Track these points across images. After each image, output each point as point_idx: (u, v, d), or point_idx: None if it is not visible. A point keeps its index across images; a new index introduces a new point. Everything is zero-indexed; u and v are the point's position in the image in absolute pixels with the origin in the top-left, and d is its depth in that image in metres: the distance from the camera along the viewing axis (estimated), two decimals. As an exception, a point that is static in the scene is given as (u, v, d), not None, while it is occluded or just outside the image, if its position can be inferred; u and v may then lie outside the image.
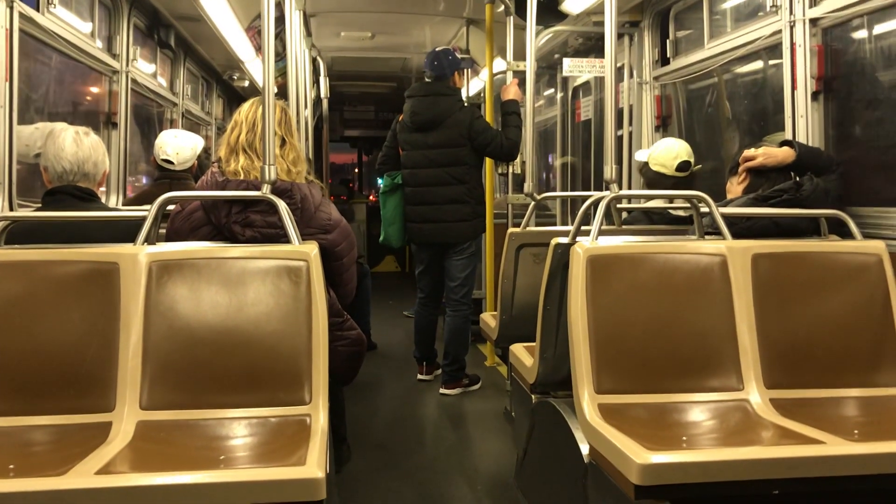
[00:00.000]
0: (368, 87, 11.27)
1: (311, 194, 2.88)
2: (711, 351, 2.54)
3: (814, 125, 3.45)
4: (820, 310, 2.65)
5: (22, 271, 2.36)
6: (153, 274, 2.39)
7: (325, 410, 2.28)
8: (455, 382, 5.28)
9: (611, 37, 2.76)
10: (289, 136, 2.97)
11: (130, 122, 5.17)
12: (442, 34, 7.43)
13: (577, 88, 6.95)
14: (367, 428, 4.57)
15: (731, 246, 2.66)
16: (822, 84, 3.45)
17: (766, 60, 4.13)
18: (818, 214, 2.96)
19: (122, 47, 4.95)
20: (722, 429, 2.39)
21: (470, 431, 4.64)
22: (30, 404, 2.25)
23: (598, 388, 2.43)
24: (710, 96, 4.89)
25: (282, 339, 2.36)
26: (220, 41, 6.28)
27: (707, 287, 2.60)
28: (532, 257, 3.92)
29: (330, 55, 8.39)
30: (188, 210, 2.82)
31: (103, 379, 2.28)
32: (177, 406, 2.28)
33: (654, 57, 5.18)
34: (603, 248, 2.59)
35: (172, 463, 2.01)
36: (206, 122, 7.98)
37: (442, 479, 3.78)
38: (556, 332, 2.82)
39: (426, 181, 5.14)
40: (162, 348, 2.33)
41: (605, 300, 2.52)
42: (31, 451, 2.16)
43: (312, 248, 2.50)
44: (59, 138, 2.89)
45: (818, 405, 2.47)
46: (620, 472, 2.03)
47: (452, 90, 5.24)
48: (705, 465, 2.00)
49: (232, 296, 2.39)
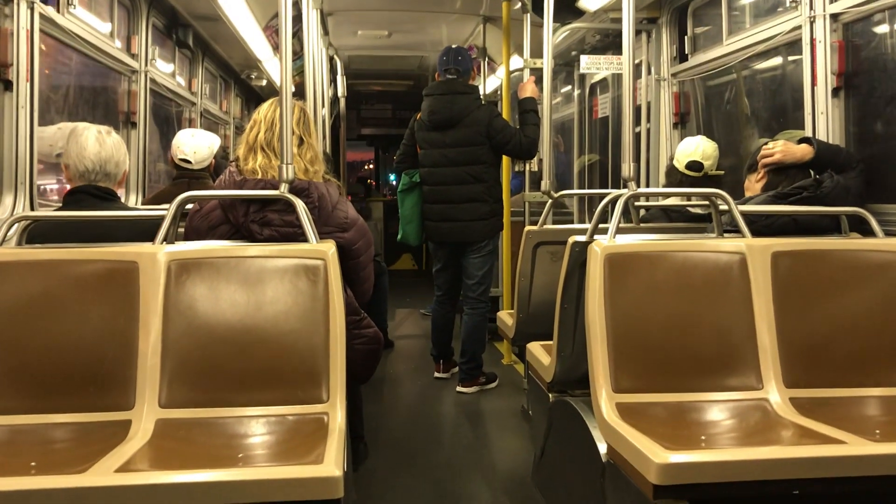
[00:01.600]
0: (385, 86, 11.29)
1: (329, 193, 2.89)
2: (730, 349, 2.52)
3: (834, 122, 3.42)
4: (841, 308, 2.62)
5: (43, 270, 2.38)
6: (172, 273, 2.40)
7: (342, 409, 2.29)
8: (472, 380, 5.28)
9: (628, 33, 2.74)
10: (307, 136, 2.97)
11: (149, 122, 5.20)
12: (458, 32, 7.43)
13: (595, 85, 6.92)
14: (384, 426, 4.58)
15: (750, 244, 2.64)
16: (842, 80, 3.42)
17: (786, 56, 4.09)
18: (839, 212, 2.93)
19: (141, 47, 4.99)
20: (741, 428, 2.37)
21: (487, 429, 4.64)
22: (50, 402, 2.27)
23: (615, 386, 2.42)
24: (728, 93, 4.86)
25: (299, 337, 2.37)
26: (238, 40, 6.31)
27: (726, 285, 2.58)
28: (549, 255, 3.91)
29: (347, 54, 8.41)
30: (206, 209, 2.84)
31: (123, 377, 2.30)
32: (195, 404, 2.29)
33: (671, 53, 5.15)
34: (621, 247, 2.58)
35: (191, 461, 2.02)
36: (225, 122, 8.02)
37: (459, 478, 3.78)
38: (574, 331, 2.81)
39: (444, 180, 5.14)
40: (181, 347, 2.34)
41: (623, 298, 2.51)
42: (52, 448, 2.18)
43: (330, 246, 2.50)
44: (81, 137, 2.91)
45: (839, 404, 2.44)
46: (639, 472, 2.02)
47: (471, 88, 5.23)
48: (724, 465, 1.98)
49: (250, 294, 2.40)
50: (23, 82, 3.28)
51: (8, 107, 3.27)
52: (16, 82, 3.26)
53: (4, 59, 3.24)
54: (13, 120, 3.28)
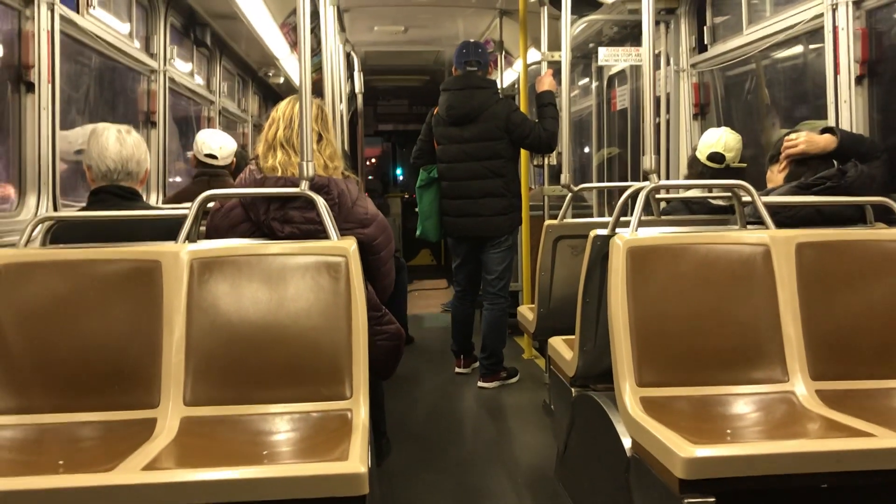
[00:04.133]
0: (402, 81, 11.28)
1: (348, 189, 2.89)
2: (755, 342, 2.50)
3: (857, 110, 3.38)
4: (867, 299, 2.59)
5: (67, 270, 2.40)
6: (195, 271, 2.41)
7: (366, 405, 2.29)
8: (493, 375, 5.28)
9: (649, 23, 2.72)
10: (325, 132, 2.98)
11: (169, 121, 5.23)
12: (475, 26, 7.41)
13: (613, 77, 6.88)
14: (406, 422, 4.58)
15: (774, 235, 2.61)
16: (865, 68, 3.37)
17: (807, 45, 4.04)
18: (863, 202, 2.90)
19: (160, 47, 5.02)
20: (767, 421, 2.35)
21: (509, 425, 4.63)
22: (77, 401, 2.29)
23: (639, 381, 2.40)
24: (749, 83, 4.81)
25: (322, 334, 2.37)
26: (256, 38, 6.33)
27: (750, 277, 2.55)
28: (570, 249, 3.89)
29: (363, 49, 8.41)
30: (227, 207, 2.85)
31: (147, 375, 2.31)
32: (220, 402, 2.30)
33: (691, 44, 5.11)
34: (643, 240, 2.56)
35: (217, 458, 2.03)
36: (243, 120, 8.05)
37: (482, 473, 3.78)
38: (596, 325, 2.80)
39: (463, 175, 5.12)
40: (204, 345, 2.35)
41: (646, 292, 2.50)
42: (79, 447, 2.19)
43: (351, 243, 2.51)
44: (102, 137, 2.92)
45: (866, 396, 2.42)
46: (664, 466, 2.01)
47: (489, 82, 5.21)
48: (751, 459, 1.97)
49: (272, 292, 2.41)
50: (44, 84, 3.31)
51: (30, 108, 3.30)
52: (38, 84, 3.29)
53: (27, 61, 3.26)
54: (35, 121, 3.31)
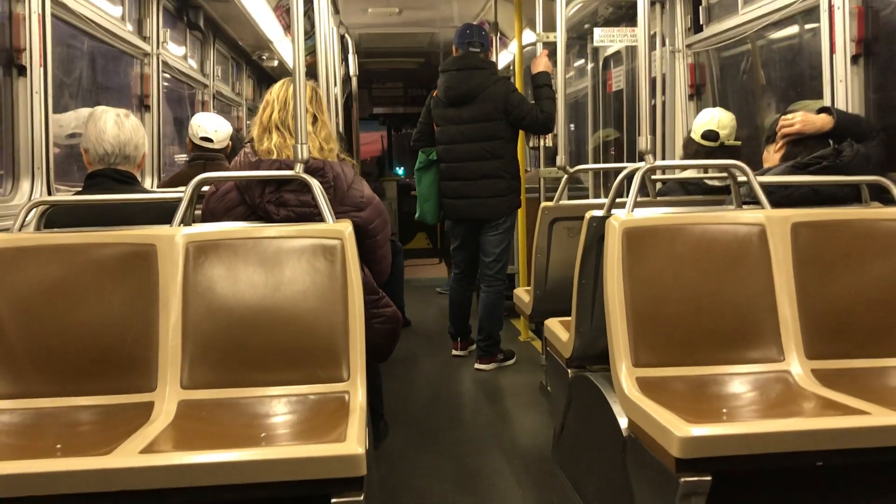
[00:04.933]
0: (396, 64, 11.21)
1: (344, 172, 2.88)
2: (751, 322, 2.51)
3: (854, 90, 3.37)
4: (862, 278, 2.60)
5: (62, 255, 2.39)
6: (190, 255, 2.40)
7: (363, 387, 2.29)
8: (490, 358, 5.29)
9: (644, 3, 2.71)
10: (320, 114, 2.96)
11: (163, 105, 5.20)
12: (469, 7, 7.36)
13: (608, 58, 6.85)
14: (403, 404, 4.59)
15: (769, 215, 2.61)
16: (862, 47, 3.36)
17: (802, 25, 4.03)
18: (859, 181, 2.90)
19: (153, 30, 4.97)
20: (763, 401, 2.36)
21: (506, 406, 4.65)
22: (74, 385, 2.29)
23: (635, 361, 2.41)
24: (744, 63, 4.80)
25: (319, 317, 2.38)
26: (249, 21, 6.28)
27: (746, 257, 2.56)
28: (566, 231, 3.89)
29: (357, 32, 8.35)
30: (222, 190, 2.84)
31: (144, 359, 2.31)
32: (217, 385, 2.31)
33: (686, 24, 5.08)
34: (639, 221, 2.56)
35: (215, 441, 2.04)
36: (237, 103, 8.01)
37: (479, 454, 3.80)
38: (592, 306, 2.80)
39: (461, 156, 5.11)
40: (201, 328, 2.35)
41: (642, 273, 2.50)
42: (77, 431, 2.20)
43: (347, 226, 2.50)
44: (100, 121, 2.90)
45: (861, 375, 2.43)
46: (661, 446, 2.02)
47: (488, 63, 5.19)
48: (747, 438, 1.98)
49: (268, 275, 2.41)
50: (36, 67, 3.28)
51: (22, 92, 3.27)
52: (29, 67, 3.26)
53: (18, 44, 3.23)
54: (28, 105, 3.28)
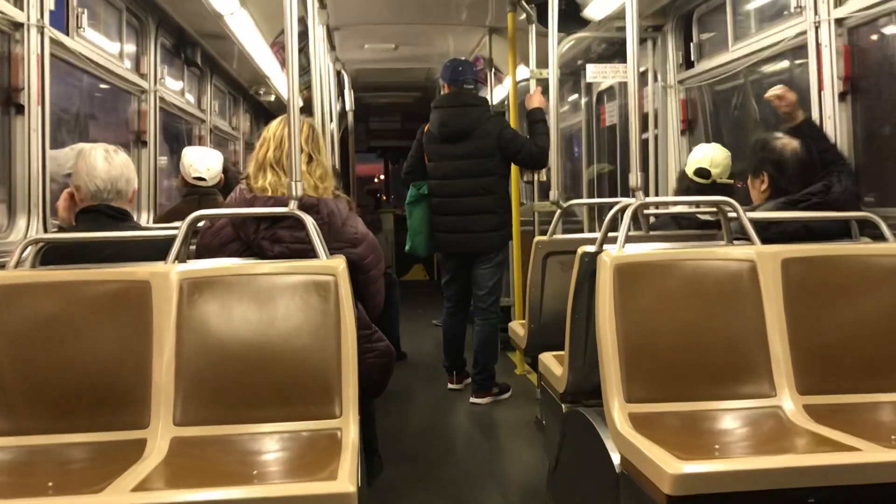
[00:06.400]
0: (393, 98, 11.33)
1: (338, 209, 2.90)
2: (743, 357, 2.52)
3: (842, 125, 3.42)
4: (853, 313, 2.61)
5: (57, 291, 2.39)
6: (184, 291, 2.41)
7: (355, 423, 2.29)
8: (485, 391, 5.28)
9: (633, 41, 2.75)
10: (315, 153, 2.99)
11: (160, 140, 5.24)
12: (465, 43, 7.46)
13: (602, 93, 6.93)
14: (398, 439, 4.58)
15: (760, 251, 2.63)
16: (849, 85, 3.41)
17: (792, 61, 4.09)
18: (848, 217, 2.92)
19: (150, 67, 5.03)
20: (755, 436, 2.36)
21: (501, 441, 4.63)
22: (66, 422, 2.29)
23: (628, 396, 2.42)
24: (736, 98, 4.86)
25: (312, 353, 2.38)
26: (246, 57, 6.36)
27: (737, 293, 2.57)
28: (559, 265, 3.91)
29: (354, 67, 8.45)
30: (218, 226, 2.85)
31: (137, 396, 2.31)
32: (210, 422, 2.30)
33: (678, 60, 5.16)
34: (630, 256, 2.58)
35: (207, 479, 2.03)
36: (234, 138, 8.06)
37: (474, 490, 3.78)
38: (586, 341, 2.81)
39: (455, 192, 5.16)
40: (194, 365, 2.35)
41: (634, 308, 2.51)
42: (69, 468, 2.19)
43: (340, 262, 2.52)
44: (90, 157, 2.93)
45: (853, 411, 2.43)
46: (652, 482, 2.02)
47: (481, 100, 5.27)
48: (738, 474, 1.98)
49: (262, 311, 2.41)
50: (34, 106, 3.32)
51: (20, 130, 3.31)
52: (27, 106, 3.30)
53: (16, 84, 3.27)
54: (25, 143, 3.31)
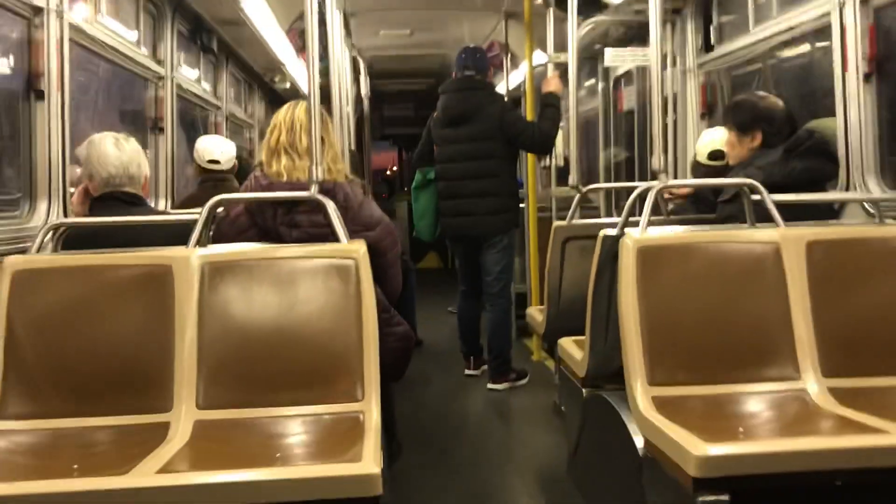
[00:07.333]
0: (408, 85, 11.30)
1: (353, 193, 2.90)
2: (767, 340, 2.50)
3: (866, 107, 3.37)
4: (877, 296, 2.59)
5: (79, 276, 2.41)
6: (206, 275, 2.42)
7: (377, 406, 2.29)
8: (502, 377, 5.28)
9: (656, 24, 2.72)
10: (326, 135, 2.98)
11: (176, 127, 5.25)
12: (480, 29, 7.42)
13: (619, 78, 6.87)
14: (416, 424, 4.58)
15: (784, 233, 2.61)
16: (874, 65, 3.36)
17: (814, 43, 4.03)
18: (861, 200, 2.93)
19: (167, 53, 5.03)
20: (780, 419, 2.35)
21: (519, 426, 4.63)
22: (90, 406, 2.30)
23: (651, 380, 2.40)
24: (756, 82, 4.80)
25: (333, 336, 2.38)
26: (262, 44, 6.35)
27: (761, 276, 2.55)
28: (578, 250, 3.89)
29: (369, 54, 8.42)
30: (233, 215, 2.86)
31: (160, 380, 2.32)
32: (233, 405, 2.31)
33: (697, 44, 5.10)
34: (653, 239, 2.56)
35: (230, 461, 2.03)
36: (249, 125, 8.07)
37: (493, 474, 3.78)
38: (607, 325, 2.80)
39: (458, 175, 5.17)
40: (216, 348, 2.36)
41: (657, 291, 2.50)
42: (93, 451, 2.20)
43: (360, 246, 2.51)
44: (100, 145, 2.95)
45: (879, 393, 2.41)
46: (678, 465, 2.01)
47: (485, 84, 5.27)
48: (765, 457, 1.97)
49: (283, 295, 2.42)
50: (54, 92, 3.32)
51: (41, 116, 3.31)
52: (48, 92, 3.31)
53: (37, 69, 3.28)
54: (45, 129, 3.32)
